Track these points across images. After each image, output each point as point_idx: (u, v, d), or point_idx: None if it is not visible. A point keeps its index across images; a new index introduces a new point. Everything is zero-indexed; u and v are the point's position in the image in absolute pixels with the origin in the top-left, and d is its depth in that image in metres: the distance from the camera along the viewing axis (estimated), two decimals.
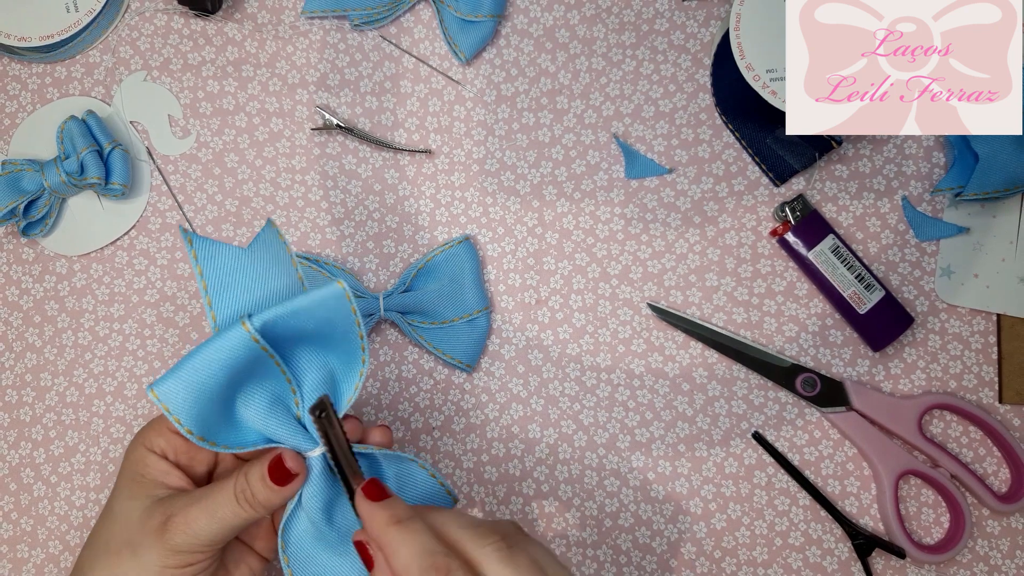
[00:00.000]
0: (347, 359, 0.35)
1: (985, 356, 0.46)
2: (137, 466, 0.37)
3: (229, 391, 0.33)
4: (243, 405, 0.34)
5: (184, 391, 0.31)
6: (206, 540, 0.35)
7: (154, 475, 0.37)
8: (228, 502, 0.35)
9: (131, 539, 0.35)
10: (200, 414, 0.32)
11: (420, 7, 0.50)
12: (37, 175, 0.48)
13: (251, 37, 0.50)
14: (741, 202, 0.48)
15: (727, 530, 0.46)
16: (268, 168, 0.50)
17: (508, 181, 0.49)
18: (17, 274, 0.50)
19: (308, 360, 0.34)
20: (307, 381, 0.34)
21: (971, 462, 0.46)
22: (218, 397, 0.32)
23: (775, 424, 0.47)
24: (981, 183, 0.43)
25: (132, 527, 0.36)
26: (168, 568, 0.35)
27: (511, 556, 0.31)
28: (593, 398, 0.47)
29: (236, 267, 0.34)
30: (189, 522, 0.35)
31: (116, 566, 0.35)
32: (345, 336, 0.34)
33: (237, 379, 0.33)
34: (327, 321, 0.33)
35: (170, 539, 0.35)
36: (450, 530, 0.33)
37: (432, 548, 0.32)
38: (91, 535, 0.38)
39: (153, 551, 0.35)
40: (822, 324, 0.47)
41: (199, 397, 0.32)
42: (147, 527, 0.35)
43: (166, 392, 0.31)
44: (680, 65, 0.48)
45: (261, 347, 0.32)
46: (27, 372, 0.50)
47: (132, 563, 0.35)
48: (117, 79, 0.51)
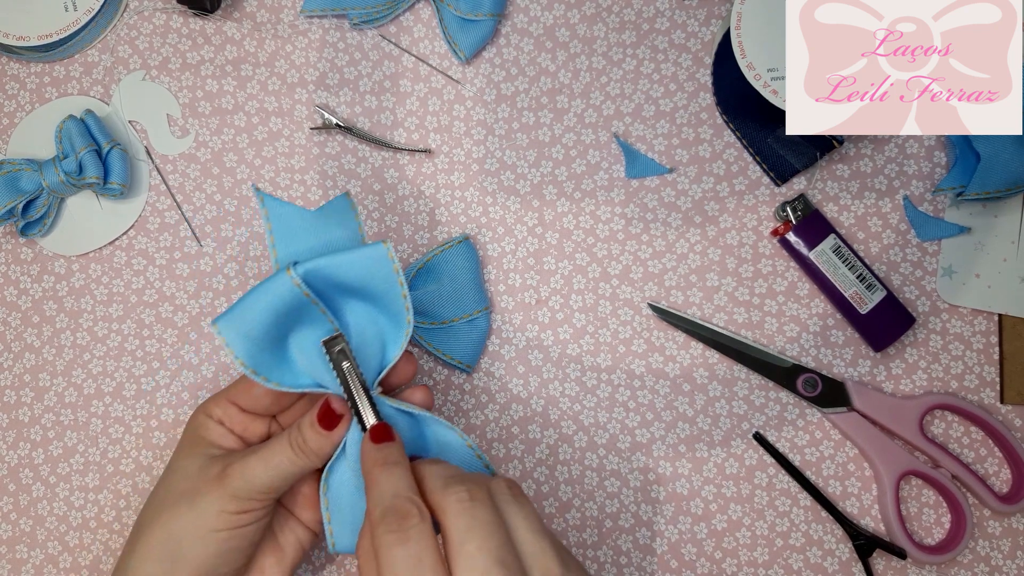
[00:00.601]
0: (393, 319, 0.37)
1: (987, 356, 0.46)
2: (197, 430, 0.40)
3: (280, 331, 0.35)
4: (296, 349, 0.36)
5: (237, 327, 0.34)
6: (261, 487, 0.37)
7: (211, 437, 0.40)
8: (283, 450, 0.37)
9: (189, 489, 0.38)
10: (251, 349, 0.35)
11: (420, 6, 0.49)
12: (35, 175, 0.47)
13: (250, 36, 0.50)
14: (742, 202, 0.48)
15: (728, 531, 0.46)
16: (267, 168, 0.50)
17: (508, 181, 0.49)
18: (15, 274, 0.50)
19: (358, 314, 0.37)
20: (355, 333, 0.37)
21: (972, 462, 0.46)
22: (268, 336, 0.35)
23: (776, 425, 0.47)
24: (983, 183, 0.43)
25: (191, 479, 0.38)
26: (224, 513, 0.37)
27: (471, 508, 0.32)
28: (593, 399, 0.47)
29: (301, 225, 0.37)
30: (246, 469, 0.37)
31: (175, 516, 0.37)
32: (388, 295, 0.36)
33: (287, 322, 0.35)
34: (369, 277, 0.35)
35: (228, 484, 0.37)
36: (429, 479, 0.34)
37: (400, 492, 0.33)
38: (151, 494, 0.40)
39: (211, 497, 0.37)
40: (823, 324, 0.47)
41: (250, 333, 0.34)
42: (205, 477, 0.38)
43: (224, 326, 0.35)
44: (681, 64, 0.48)
45: (303, 292, 0.34)
46: (25, 372, 0.50)
47: (191, 512, 0.37)
48: (116, 78, 0.50)
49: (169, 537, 0.37)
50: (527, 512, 0.33)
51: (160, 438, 0.49)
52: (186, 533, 0.37)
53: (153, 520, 0.38)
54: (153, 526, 0.38)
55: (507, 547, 0.31)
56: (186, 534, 0.37)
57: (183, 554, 0.37)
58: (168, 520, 0.38)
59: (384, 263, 0.35)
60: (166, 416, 0.49)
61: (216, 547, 0.37)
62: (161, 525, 0.38)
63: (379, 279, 0.35)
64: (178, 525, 0.37)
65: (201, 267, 0.49)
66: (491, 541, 0.31)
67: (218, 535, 0.37)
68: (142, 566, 0.38)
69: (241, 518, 0.37)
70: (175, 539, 0.37)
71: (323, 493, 0.38)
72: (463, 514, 0.32)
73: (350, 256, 0.35)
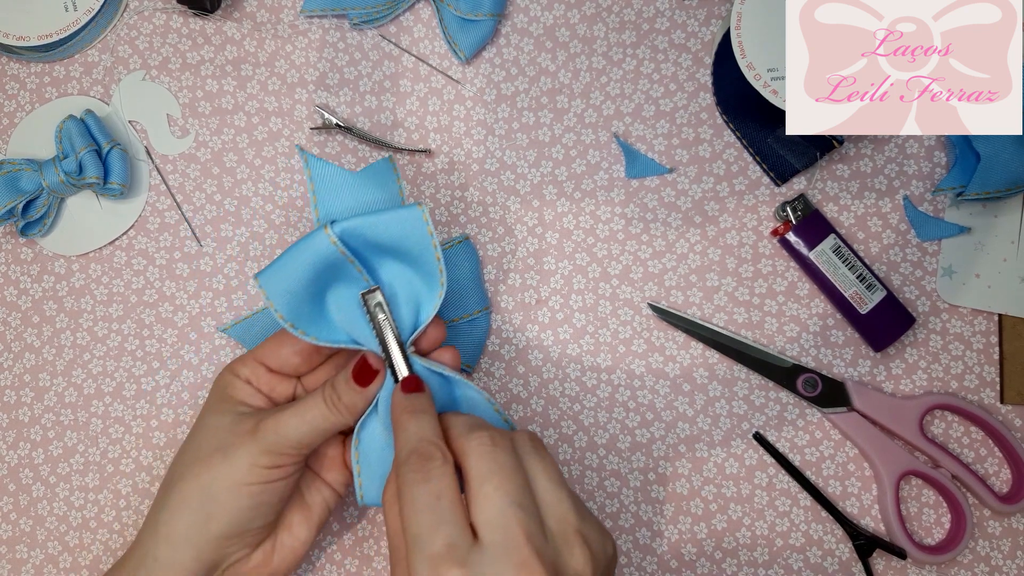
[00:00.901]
0: (427, 280, 0.38)
1: (987, 356, 0.46)
2: (225, 388, 0.40)
3: (318, 287, 0.37)
4: (333, 305, 0.38)
5: (277, 281, 0.36)
6: (294, 441, 0.37)
7: (240, 396, 0.40)
8: (317, 405, 0.38)
9: (222, 444, 0.38)
10: (290, 303, 0.36)
11: (420, 6, 0.49)
12: (35, 175, 0.47)
13: (250, 36, 0.50)
14: (742, 202, 0.48)
15: (728, 531, 0.46)
16: (267, 167, 0.50)
17: (508, 181, 0.49)
18: (15, 274, 0.50)
19: (393, 274, 0.38)
20: (390, 292, 0.38)
21: (972, 462, 0.46)
22: (307, 291, 0.36)
23: (776, 425, 0.47)
24: (983, 183, 0.43)
25: (222, 434, 0.38)
26: (257, 466, 0.37)
27: (492, 452, 0.33)
28: (593, 398, 0.47)
29: (342, 185, 0.38)
30: (279, 424, 0.37)
31: (207, 470, 0.38)
32: (422, 256, 0.37)
33: (324, 279, 0.37)
34: (403, 238, 0.36)
35: (261, 438, 0.37)
36: (454, 427, 0.35)
37: (425, 436, 0.34)
38: (180, 452, 0.41)
39: (244, 451, 0.37)
40: (823, 324, 0.47)
41: (289, 287, 0.36)
42: (238, 431, 0.38)
43: (265, 280, 0.36)
44: (681, 64, 0.48)
45: (340, 250, 0.35)
46: (25, 372, 0.50)
47: (223, 465, 0.38)
48: (116, 78, 0.50)
49: (202, 490, 0.38)
50: (547, 464, 0.34)
51: (160, 438, 0.49)
52: (219, 486, 0.38)
53: (185, 474, 0.39)
54: (185, 479, 0.38)
55: (525, 491, 0.32)
56: (219, 487, 0.38)
57: (215, 507, 0.38)
58: (201, 473, 0.38)
59: (419, 224, 0.36)
60: (166, 416, 0.49)
61: (248, 500, 0.38)
62: (194, 478, 0.38)
63: (413, 240, 0.36)
64: (211, 478, 0.38)
65: (201, 267, 0.49)
66: (509, 484, 0.32)
67: (250, 488, 0.37)
68: (175, 519, 0.38)
69: (273, 472, 0.38)
70: (208, 492, 0.38)
71: (354, 447, 0.39)
72: (484, 456, 0.33)
73: (385, 216, 0.35)
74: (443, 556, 0.31)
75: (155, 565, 0.38)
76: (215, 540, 0.38)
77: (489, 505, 0.32)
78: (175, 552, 0.38)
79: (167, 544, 0.38)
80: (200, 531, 0.38)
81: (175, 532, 0.38)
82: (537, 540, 0.31)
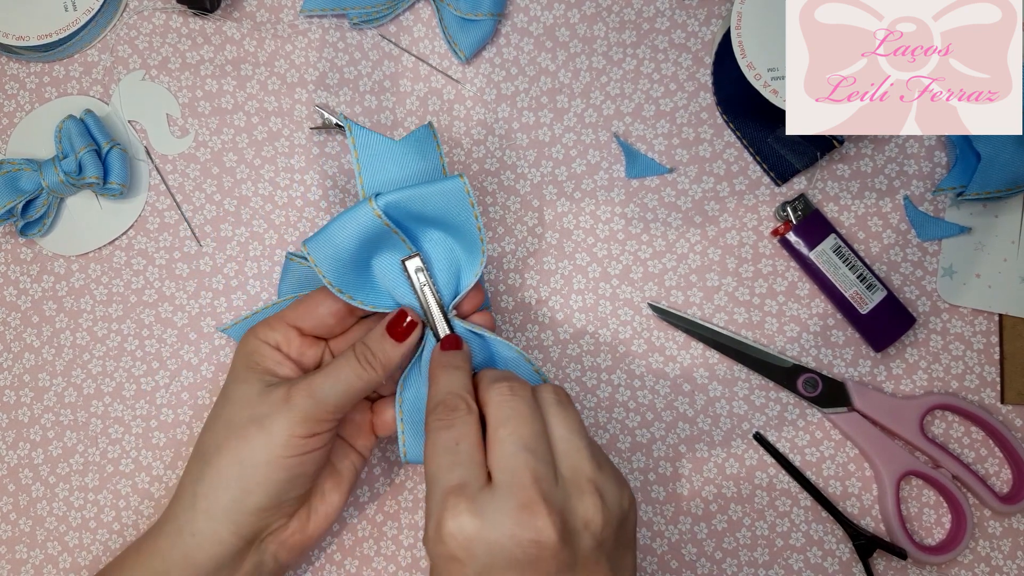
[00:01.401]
0: (469, 248, 0.39)
1: (987, 356, 0.46)
2: (252, 356, 0.40)
3: (363, 255, 0.38)
4: (378, 270, 0.39)
5: (324, 249, 0.37)
6: (330, 404, 0.37)
7: (268, 365, 0.40)
8: (349, 363, 0.38)
9: (256, 414, 0.38)
10: (338, 270, 0.38)
11: (420, 6, 0.49)
12: (35, 175, 0.47)
13: (250, 36, 0.50)
14: (742, 202, 0.48)
15: (728, 531, 0.46)
16: (267, 167, 0.50)
17: (508, 180, 0.49)
18: (15, 274, 0.50)
19: (435, 242, 0.40)
20: (432, 260, 0.40)
21: (973, 463, 0.46)
22: (352, 259, 0.38)
23: (776, 425, 0.47)
24: (983, 183, 0.43)
25: (254, 404, 0.38)
26: (295, 437, 0.37)
27: (511, 400, 0.35)
28: (593, 399, 0.47)
29: (386, 155, 0.39)
30: (312, 388, 0.37)
31: (245, 443, 0.38)
32: (464, 226, 0.38)
33: (369, 247, 0.38)
34: (446, 209, 0.37)
35: (295, 405, 0.37)
36: (482, 380, 0.37)
37: (453, 389, 0.36)
38: (209, 422, 0.40)
39: (280, 421, 0.37)
40: (823, 324, 0.47)
41: (336, 255, 0.37)
42: (270, 401, 0.38)
43: (313, 248, 0.38)
44: (681, 64, 0.48)
45: (384, 223, 0.37)
46: (25, 372, 0.50)
47: (261, 437, 0.37)
48: (115, 78, 0.50)
49: (240, 464, 0.38)
50: (569, 415, 0.36)
51: (160, 438, 0.49)
52: (257, 460, 0.37)
53: (221, 446, 0.38)
54: (221, 453, 0.38)
55: (540, 438, 0.34)
56: (257, 461, 0.37)
57: (253, 482, 0.38)
58: (238, 447, 0.38)
59: (460, 195, 0.37)
60: (166, 416, 0.49)
61: (287, 473, 0.38)
62: (230, 452, 0.38)
63: (456, 210, 0.37)
64: (249, 451, 0.38)
65: (201, 267, 0.49)
66: (523, 429, 0.34)
67: (289, 461, 0.38)
68: (213, 494, 0.38)
69: (310, 442, 0.38)
70: (246, 466, 0.38)
71: (398, 406, 0.40)
72: (503, 405, 0.35)
73: (428, 189, 0.37)
74: (454, 491, 0.32)
75: (192, 540, 0.38)
76: (254, 514, 0.38)
77: (501, 448, 0.33)
78: (215, 527, 0.38)
79: (206, 519, 0.38)
80: (239, 506, 0.38)
81: (214, 507, 0.38)
82: (545, 484, 0.32)
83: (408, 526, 0.47)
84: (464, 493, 0.32)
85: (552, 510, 0.32)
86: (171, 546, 0.39)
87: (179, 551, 0.39)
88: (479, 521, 0.32)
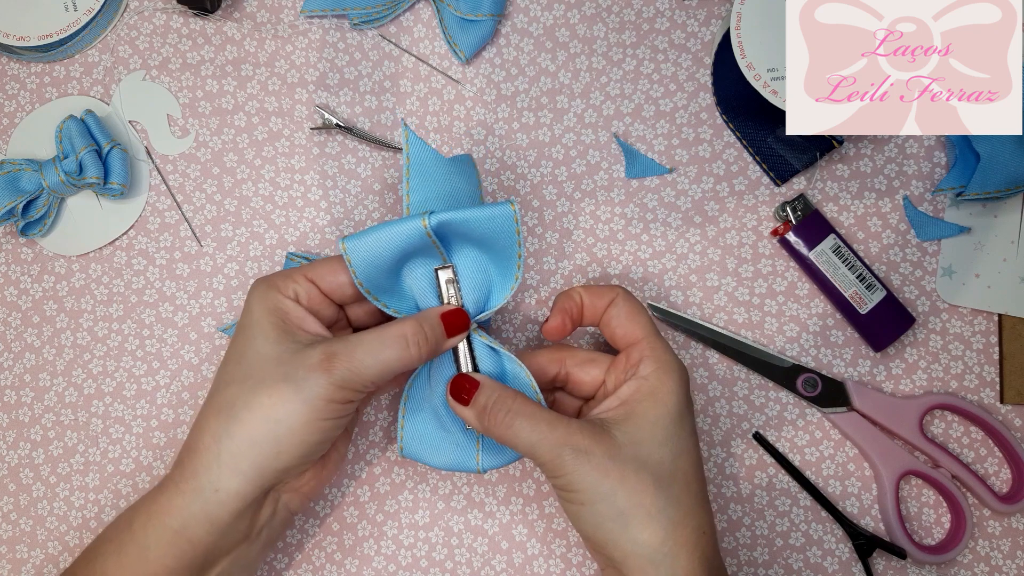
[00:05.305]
0: (504, 271, 0.40)
1: (986, 356, 0.46)
2: (276, 313, 0.39)
3: (398, 263, 0.39)
4: (408, 277, 0.40)
5: (364, 253, 0.38)
6: (367, 378, 0.38)
7: (294, 320, 0.39)
8: (395, 345, 0.38)
9: (290, 374, 0.37)
10: (371, 274, 0.39)
11: (420, 6, 0.49)
12: (36, 175, 0.47)
13: (250, 36, 0.50)
14: (742, 202, 0.48)
15: (728, 531, 0.46)
16: (267, 168, 0.50)
17: (508, 181, 0.49)
18: (16, 274, 0.50)
19: (471, 259, 0.40)
20: (466, 276, 0.40)
21: (972, 462, 0.46)
22: (388, 266, 0.39)
23: (776, 424, 0.47)
24: (982, 183, 0.43)
25: (287, 362, 0.38)
26: (332, 403, 0.37)
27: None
28: None
29: (435, 170, 0.40)
30: (353, 361, 0.37)
31: (281, 402, 0.37)
32: (505, 250, 0.39)
33: (406, 255, 0.39)
34: (493, 233, 0.38)
35: (334, 373, 0.37)
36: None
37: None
38: (228, 373, 0.39)
39: (318, 385, 0.37)
40: (823, 324, 0.47)
41: (373, 261, 0.38)
42: (308, 363, 0.37)
43: (352, 248, 0.38)
44: (681, 64, 0.48)
45: (432, 241, 0.38)
46: (26, 372, 0.50)
47: (296, 396, 0.37)
48: (116, 78, 0.50)
49: (275, 423, 0.37)
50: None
51: (160, 438, 0.49)
52: (293, 422, 0.37)
53: (250, 402, 0.38)
54: (252, 408, 0.37)
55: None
56: (293, 423, 0.37)
57: (288, 442, 0.37)
58: (272, 405, 0.37)
59: (509, 222, 0.38)
60: (166, 416, 0.49)
61: (319, 436, 0.38)
62: (260, 408, 0.37)
63: (501, 234, 0.38)
64: (285, 412, 0.37)
65: (201, 267, 0.49)
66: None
67: (324, 424, 0.38)
68: (247, 451, 0.38)
69: (345, 408, 0.38)
70: (282, 426, 0.37)
71: (403, 402, 0.42)
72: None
73: (480, 212, 0.37)
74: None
75: (215, 496, 0.38)
76: (281, 471, 0.38)
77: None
78: (240, 483, 0.38)
79: (232, 475, 0.38)
80: (271, 463, 0.38)
81: (243, 464, 0.38)
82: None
83: (408, 526, 0.48)
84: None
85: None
86: (189, 503, 0.38)
87: (198, 506, 0.38)
88: None
